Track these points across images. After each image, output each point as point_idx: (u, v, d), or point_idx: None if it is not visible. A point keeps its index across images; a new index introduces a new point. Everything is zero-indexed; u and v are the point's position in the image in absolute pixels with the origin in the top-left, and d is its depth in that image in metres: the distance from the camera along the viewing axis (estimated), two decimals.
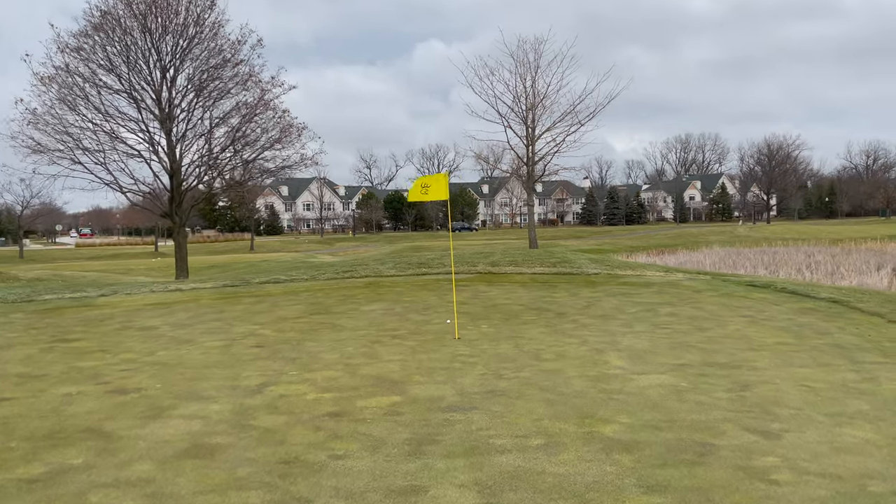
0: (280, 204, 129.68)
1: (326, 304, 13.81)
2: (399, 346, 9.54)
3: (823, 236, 70.84)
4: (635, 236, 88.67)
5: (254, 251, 79.28)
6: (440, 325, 11.24)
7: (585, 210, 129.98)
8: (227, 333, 10.77)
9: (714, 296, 14.03)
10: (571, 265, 18.81)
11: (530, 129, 31.13)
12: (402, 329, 10.90)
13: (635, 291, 14.86)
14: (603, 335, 10.09)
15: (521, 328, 10.82)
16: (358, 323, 11.55)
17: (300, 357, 8.87)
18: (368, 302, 13.95)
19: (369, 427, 5.82)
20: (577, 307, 12.87)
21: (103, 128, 22.92)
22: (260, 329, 11.10)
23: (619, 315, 11.91)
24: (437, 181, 10.29)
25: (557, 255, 21.11)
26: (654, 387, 7.07)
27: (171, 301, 14.50)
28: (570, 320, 11.49)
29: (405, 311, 12.78)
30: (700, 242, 68.42)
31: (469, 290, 15.40)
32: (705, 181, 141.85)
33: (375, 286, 16.17)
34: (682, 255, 52.26)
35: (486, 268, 18.50)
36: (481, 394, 6.88)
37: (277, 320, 11.97)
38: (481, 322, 11.46)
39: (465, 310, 12.72)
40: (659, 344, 9.38)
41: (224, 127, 24.55)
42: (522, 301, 13.77)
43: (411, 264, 19.42)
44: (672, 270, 18.57)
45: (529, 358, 8.61)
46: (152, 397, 6.90)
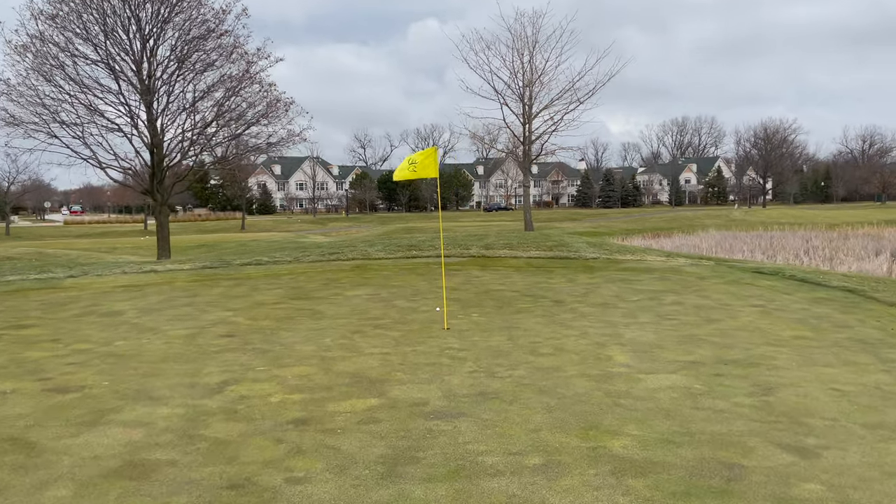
0: (273, 183, 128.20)
1: (308, 288, 12.96)
2: (382, 337, 8.72)
3: (819, 221, 70.16)
4: (630, 219, 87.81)
5: (245, 230, 78.21)
6: (429, 312, 10.42)
7: (581, 192, 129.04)
8: (197, 321, 9.92)
9: (720, 283, 13.23)
10: (568, 249, 17.98)
11: (527, 106, 30.00)
12: (387, 318, 10.07)
13: (636, 278, 14.06)
14: (604, 326, 9.28)
15: (515, 317, 10.01)
16: (340, 310, 10.71)
17: (272, 349, 8.03)
18: (353, 287, 13.11)
19: (339, 439, 5.00)
20: (576, 294, 12.06)
21: (81, 100, 21.88)
22: (233, 316, 10.25)
23: (620, 304, 11.11)
24: (425, 157, 9.41)
25: (554, 238, 20.29)
26: (664, 389, 6.27)
27: (144, 283, 13.63)
28: (569, 309, 10.68)
29: (392, 297, 11.95)
30: (696, 226, 67.80)
31: (461, 274, 14.57)
32: (701, 164, 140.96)
33: (362, 269, 15.32)
34: (678, 238, 51.56)
35: (479, 251, 17.66)
36: (470, 397, 6.07)
37: (253, 306, 11.12)
38: (473, 310, 10.64)
39: (456, 296, 11.90)
40: (666, 337, 8.57)
41: (208, 101, 23.52)
42: (517, 287, 12.95)
43: (401, 246, 18.55)
44: (674, 255, 17.78)
45: (525, 352, 7.80)
46: (95, 398, 6.06)
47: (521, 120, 30.06)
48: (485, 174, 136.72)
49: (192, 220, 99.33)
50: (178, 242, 54.31)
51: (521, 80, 29.61)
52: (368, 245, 19.65)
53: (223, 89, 23.24)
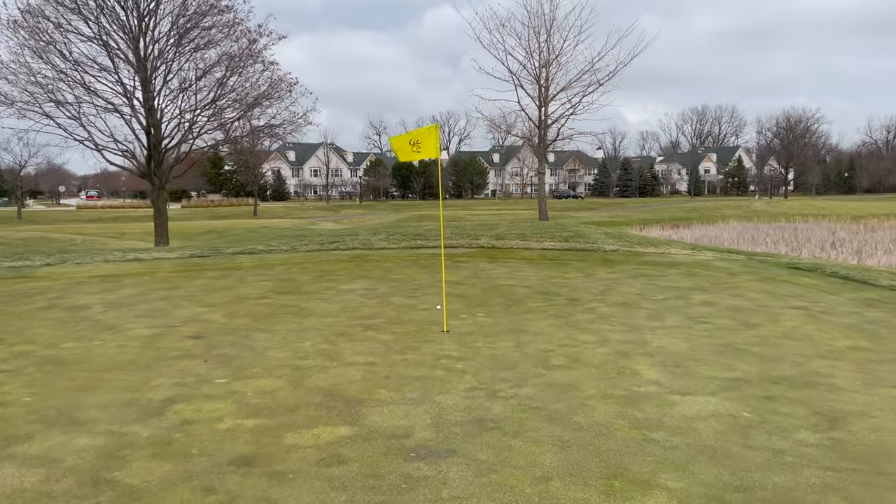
0: (287, 169, 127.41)
1: (299, 281, 11.85)
2: (371, 341, 7.57)
3: (844, 212, 68.15)
4: (648, 209, 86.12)
5: (257, 217, 77.41)
6: (428, 311, 9.27)
7: (598, 181, 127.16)
8: (167, 318, 8.83)
9: (753, 280, 11.96)
10: (586, 240, 16.74)
11: (543, 89, 28.47)
12: (381, 317, 8.93)
13: (660, 273, 12.81)
14: (627, 331, 8.08)
15: (525, 319, 8.82)
16: (329, 307, 9.57)
17: (240, 356, 6.92)
18: (349, 279, 11.98)
19: (288, 489, 3.86)
20: (594, 292, 10.85)
21: (75, 79, 20.85)
22: (208, 313, 9.15)
23: (644, 303, 9.89)
24: (427, 135, 8.21)
25: (570, 229, 19.03)
26: (705, 417, 5.08)
27: (124, 273, 12.57)
28: (586, 309, 9.48)
29: (389, 292, 10.80)
30: (716, 216, 66.18)
31: (468, 267, 13.39)
32: (721, 154, 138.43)
33: (361, 260, 14.19)
34: (698, 228, 50.09)
35: (489, 241, 16.46)
36: (465, 425, 4.91)
37: (235, 301, 10.02)
38: (478, 309, 9.46)
39: (460, 292, 10.74)
40: (699, 345, 7.37)
41: (207, 80, 22.41)
42: (529, 282, 11.75)
43: (406, 235, 17.40)
44: (699, 248, 16.48)
45: (534, 364, 6.62)
46: (6, 420, 4.96)
47: (537, 103, 28.56)
48: (501, 162, 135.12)
49: (205, 206, 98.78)
50: (186, 228, 53.64)
51: (537, 61, 28.08)
52: (371, 234, 18.51)
53: (223, 68, 22.13)
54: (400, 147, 8.33)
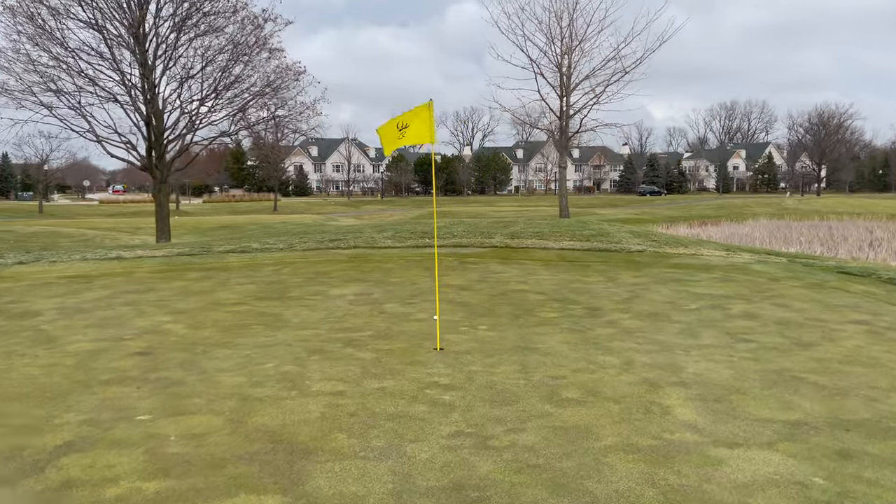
0: (309, 164, 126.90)
1: (287, 283, 10.66)
2: (348, 360, 6.34)
3: (879, 210, 65.61)
4: (676, 206, 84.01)
5: (277, 212, 76.78)
6: (424, 322, 8.01)
7: (623, 178, 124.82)
8: (122, 328, 7.68)
9: (799, 287, 10.53)
10: (609, 239, 15.36)
11: (565, 77, 26.91)
12: (368, 328, 7.69)
13: (692, 277, 11.42)
14: (655, 350, 6.76)
15: (535, 333, 7.53)
16: (311, 316, 8.36)
17: (184, 380, 5.72)
18: (342, 283, 10.76)
19: None
20: (617, 299, 9.51)
21: (71, 66, 19.89)
22: (171, 322, 7.98)
23: (675, 314, 8.53)
24: (417, 117, 6.94)
25: (592, 227, 17.65)
26: (764, 486, 3.76)
27: (98, 273, 11.48)
28: (607, 321, 8.16)
29: (384, 297, 9.56)
30: (745, 214, 64.30)
31: (477, 269, 12.10)
32: (751, 150, 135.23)
33: (360, 260, 12.97)
34: (727, 226, 48.36)
35: (503, 240, 15.15)
36: (437, 496, 3.65)
37: (207, 307, 8.85)
38: (481, 320, 8.19)
39: (464, 299, 9.46)
40: (745, 372, 6.03)
41: (211, 68, 21.33)
42: (543, 287, 10.44)
43: (413, 233, 16.14)
44: (734, 249, 15.02)
45: (540, 396, 5.34)
46: None
47: (558, 92, 27.02)
48: (524, 158, 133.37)
49: (226, 201, 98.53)
50: (201, 223, 52.97)
51: (559, 48, 26.54)
52: (377, 231, 17.29)
53: (226, 54, 21.04)
54: (386, 135, 7.07)
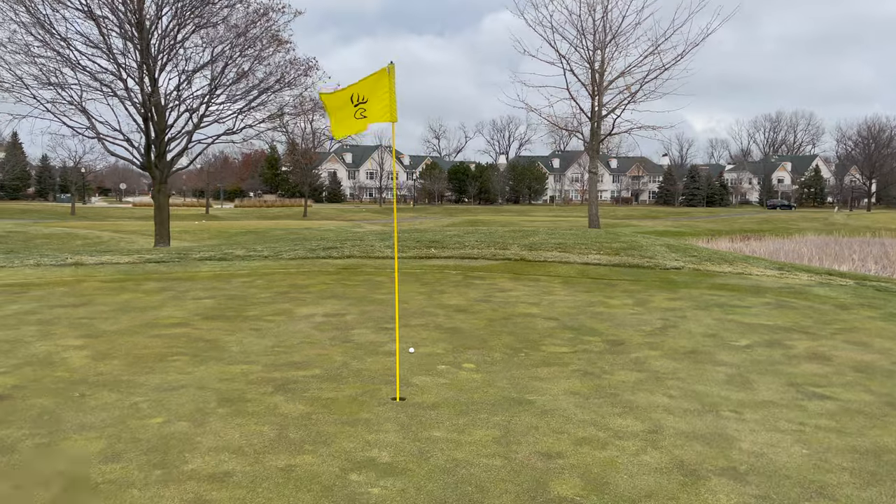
0: (343, 171, 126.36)
1: (250, 299, 8.99)
2: (263, 418, 4.62)
3: None
4: (717, 219, 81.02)
5: (306, 218, 75.83)
6: (394, 357, 6.25)
7: (663, 189, 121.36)
8: (8, 356, 6.07)
9: (877, 318, 8.51)
10: (641, 253, 13.41)
11: (597, 74, 24.80)
12: (317, 365, 5.96)
13: (740, 302, 9.46)
14: (695, 409, 4.91)
15: (534, 376, 5.72)
16: (256, 344, 6.66)
17: (19, 445, 4.06)
18: (317, 299, 9.05)
19: None
20: (646, 330, 7.62)
21: (70, 58, 18.65)
22: (74, 350, 6.35)
23: (720, 353, 6.63)
24: (376, 89, 5.18)
25: (623, 239, 15.68)
26: None
27: (42, 282, 9.98)
28: (631, 361, 6.30)
29: (358, 320, 7.82)
30: (791, 229, 61.29)
31: (482, 286, 10.28)
32: (796, 163, 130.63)
33: (350, 272, 11.26)
34: (771, 241, 45.78)
35: (519, 252, 13.29)
36: None
37: (135, 329, 7.21)
38: (470, 354, 6.40)
39: (456, 323, 7.68)
40: (826, 451, 4.15)
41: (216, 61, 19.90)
42: (557, 311, 8.59)
43: (420, 242, 14.38)
44: (788, 268, 12.94)
45: (517, 494, 3.53)
46: None
47: (589, 91, 24.87)
48: (560, 167, 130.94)
49: (257, 206, 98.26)
50: (227, 227, 52.04)
51: (591, 42, 24.43)
52: (379, 239, 15.57)
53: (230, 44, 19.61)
54: (336, 110, 5.31)
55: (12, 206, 78.31)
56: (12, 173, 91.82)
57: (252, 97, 20.16)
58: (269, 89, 20.21)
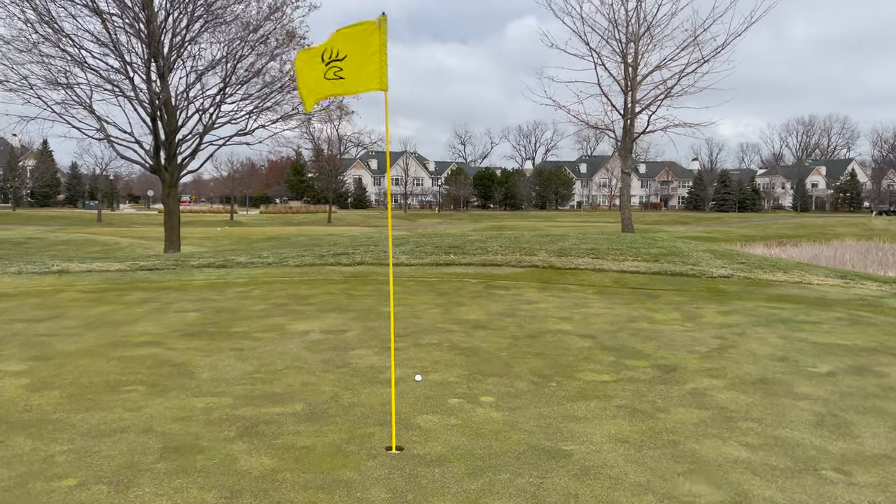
0: (368, 177, 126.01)
1: (241, 312, 7.89)
2: (212, 477, 3.49)
3: None
4: (749, 224, 78.70)
5: (331, 224, 75.17)
6: (401, 383, 5.10)
7: (692, 194, 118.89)
8: None
9: None
10: (683, 260, 12.11)
11: (630, 68, 23.37)
12: (300, 397, 4.83)
13: (806, 316, 8.15)
14: (784, 465, 3.68)
15: (569, 415, 4.53)
16: (232, 369, 5.55)
17: None
18: (317, 312, 7.93)
19: None
20: (701, 351, 6.37)
21: (75, 55, 17.86)
22: (11, 377, 5.29)
23: (798, 383, 5.37)
24: (363, 47, 4.03)
25: (661, 244, 14.36)
26: None
27: (15, 291, 9.02)
28: (689, 393, 5.08)
29: (360, 338, 6.68)
30: (828, 234, 59.07)
31: (506, 297, 9.08)
32: (831, 167, 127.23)
33: (358, 281, 10.14)
34: (808, 247, 43.89)
35: (546, 259, 12.05)
36: None
37: (98, 349, 6.15)
38: (489, 384, 5.22)
39: (474, 342, 6.50)
40: None
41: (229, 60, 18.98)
42: (593, 327, 7.37)
43: (438, 248, 13.20)
44: (852, 276, 11.54)
45: None
46: None
47: (622, 85, 23.45)
48: (588, 172, 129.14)
49: (282, 213, 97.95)
50: (250, 234, 51.43)
51: (624, 34, 22.99)
52: (395, 243, 14.43)
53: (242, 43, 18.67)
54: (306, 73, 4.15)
55: (41, 213, 78.87)
56: (42, 180, 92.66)
57: (264, 95, 19.21)
58: (282, 87, 19.26)
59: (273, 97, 19.39)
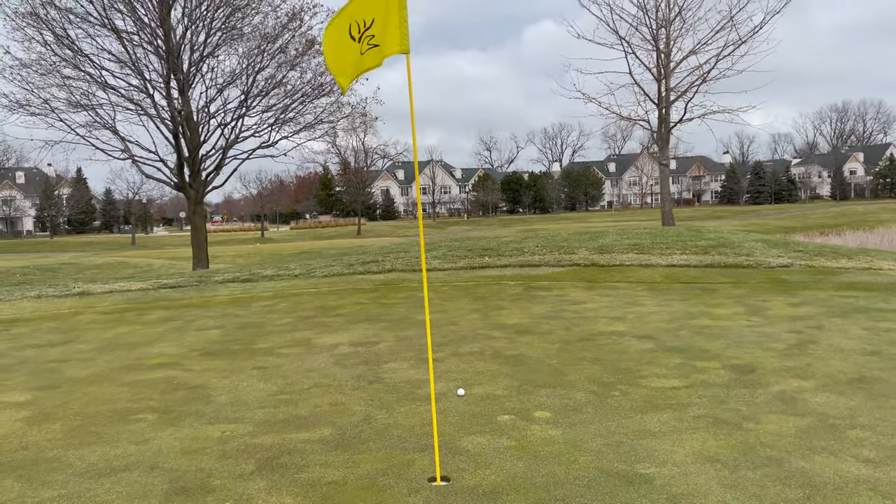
0: (395, 188, 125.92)
1: (265, 327, 7.34)
2: None
3: None
4: (787, 215, 76.66)
5: (360, 236, 75.07)
6: (442, 399, 4.47)
7: (726, 188, 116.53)
8: None
9: None
10: (736, 251, 11.30)
11: (663, 55, 22.43)
12: (328, 420, 4.23)
13: (885, 304, 7.35)
14: None
15: (641, 430, 3.86)
16: (254, 389, 4.98)
17: None
18: (347, 323, 7.34)
19: None
20: (778, 348, 5.64)
21: (95, 76, 17.67)
22: (10, 409, 4.78)
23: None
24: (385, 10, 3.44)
25: (709, 236, 13.53)
26: None
27: (34, 316, 8.58)
28: (776, 397, 4.37)
29: (393, 349, 6.07)
30: (870, 222, 57.17)
31: (549, 299, 8.41)
32: (869, 153, 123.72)
33: (389, 288, 9.54)
34: (852, 236, 42.35)
35: (588, 256, 11.34)
36: None
37: (110, 373, 5.63)
38: (542, 397, 4.57)
39: (520, 350, 5.85)
40: None
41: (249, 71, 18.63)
42: (649, 327, 6.67)
43: (471, 251, 12.57)
44: None
45: None
46: None
47: (655, 74, 22.53)
48: (617, 172, 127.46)
49: (312, 227, 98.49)
50: (280, 249, 51.39)
51: (655, 19, 22.04)
52: (427, 249, 13.83)
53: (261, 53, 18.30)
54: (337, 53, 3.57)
55: (77, 240, 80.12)
56: (77, 208, 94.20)
57: (285, 106, 18.81)
58: (304, 96, 18.84)
59: (294, 107, 18.99)
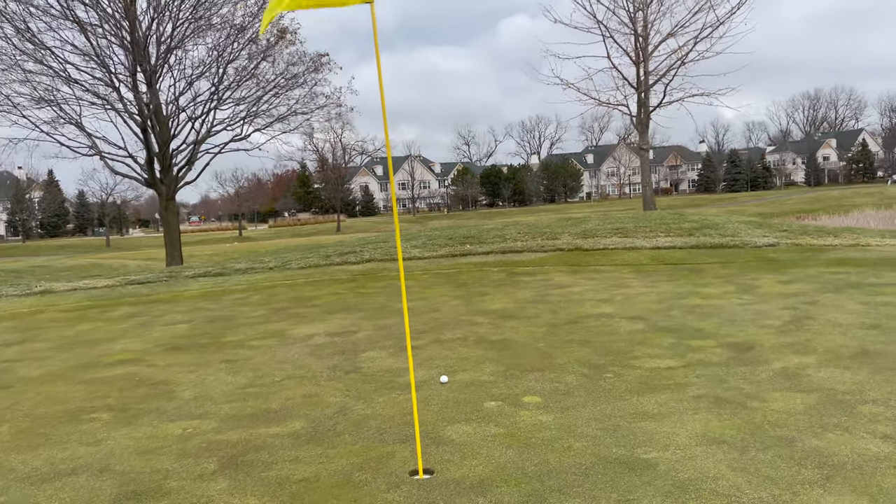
0: (375, 184, 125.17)
1: (236, 320, 6.97)
2: None
3: None
4: (764, 202, 77.22)
5: (340, 232, 74.45)
6: (423, 387, 4.16)
7: (702, 176, 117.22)
8: None
9: None
10: (720, 232, 11.09)
11: (641, 38, 22.22)
12: (299, 413, 3.90)
13: (876, 278, 7.16)
14: None
15: (639, 411, 3.57)
16: (221, 383, 4.63)
17: None
18: (323, 314, 6.99)
19: None
20: (775, 325, 5.39)
21: (59, 71, 17.06)
22: None
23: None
24: None
25: (692, 219, 13.32)
26: None
27: None
28: (778, 374, 4.10)
29: (372, 338, 5.74)
30: (845, 206, 57.59)
31: (533, 283, 8.12)
32: (841, 139, 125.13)
33: (368, 278, 9.20)
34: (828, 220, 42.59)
35: (571, 240, 11.07)
36: None
37: (65, 372, 5.25)
38: (530, 381, 4.27)
39: (506, 335, 5.55)
40: None
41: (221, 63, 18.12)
42: (639, 308, 6.40)
43: (451, 239, 12.24)
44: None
45: None
46: None
47: (633, 58, 22.25)
48: (595, 163, 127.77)
49: (291, 225, 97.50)
50: (258, 248, 50.66)
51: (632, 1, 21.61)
52: (406, 239, 13.48)
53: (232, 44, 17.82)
54: None
55: (51, 244, 78.59)
56: (50, 211, 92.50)
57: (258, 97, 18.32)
58: (277, 87, 18.37)
59: (267, 99, 18.50)
